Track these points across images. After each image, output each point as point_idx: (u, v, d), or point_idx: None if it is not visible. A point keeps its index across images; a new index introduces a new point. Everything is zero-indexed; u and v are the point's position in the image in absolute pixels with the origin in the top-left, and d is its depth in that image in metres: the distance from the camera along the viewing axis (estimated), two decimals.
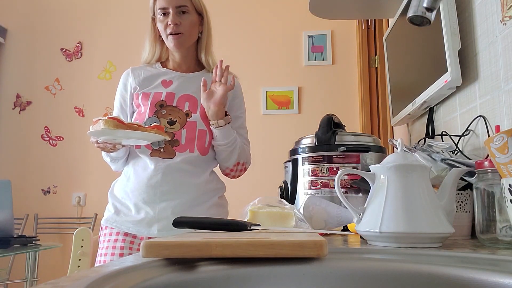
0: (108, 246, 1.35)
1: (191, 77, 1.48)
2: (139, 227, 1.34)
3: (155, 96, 1.41)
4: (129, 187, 1.39)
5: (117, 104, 1.52)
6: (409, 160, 0.71)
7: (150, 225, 1.34)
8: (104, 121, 1.14)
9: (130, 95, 1.47)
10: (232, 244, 0.51)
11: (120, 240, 1.35)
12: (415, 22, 0.74)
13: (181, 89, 1.44)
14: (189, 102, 1.42)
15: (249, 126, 1.55)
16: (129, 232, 1.35)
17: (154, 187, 1.35)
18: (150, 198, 1.35)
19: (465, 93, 1.11)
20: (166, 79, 1.46)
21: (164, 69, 1.49)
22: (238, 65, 3.38)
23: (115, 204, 1.41)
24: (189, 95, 1.43)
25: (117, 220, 1.37)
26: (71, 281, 0.41)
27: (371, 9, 1.72)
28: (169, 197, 1.35)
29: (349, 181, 1.14)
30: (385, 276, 0.53)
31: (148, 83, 1.45)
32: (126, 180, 1.41)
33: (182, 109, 1.41)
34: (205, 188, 1.42)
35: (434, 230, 0.66)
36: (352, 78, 3.29)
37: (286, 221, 0.91)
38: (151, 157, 1.38)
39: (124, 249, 1.34)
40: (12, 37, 3.65)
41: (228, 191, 1.59)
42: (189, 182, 1.38)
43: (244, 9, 3.44)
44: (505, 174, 0.64)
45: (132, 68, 1.51)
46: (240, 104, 1.53)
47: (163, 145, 1.38)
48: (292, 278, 0.51)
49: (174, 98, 1.42)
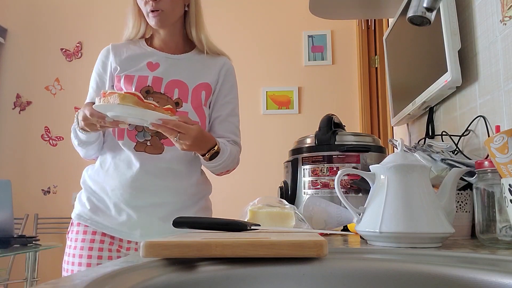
0: (83, 246, 1.21)
1: (180, 59, 1.30)
2: (120, 230, 1.21)
3: (140, 80, 1.24)
4: (108, 183, 1.23)
5: (93, 85, 1.32)
6: (409, 160, 0.71)
7: (133, 229, 1.21)
8: (122, 96, 0.99)
9: (110, 76, 1.29)
10: (232, 244, 0.51)
11: (98, 240, 1.21)
12: (415, 22, 0.74)
13: (169, 73, 1.26)
14: (179, 89, 1.25)
15: (249, 126, 1.55)
16: (108, 234, 1.22)
17: (140, 190, 1.21)
18: (134, 201, 1.21)
19: (465, 93, 1.11)
20: (152, 61, 1.28)
21: (150, 48, 1.31)
22: (238, 65, 3.38)
23: (91, 199, 1.25)
24: (179, 81, 1.26)
25: (93, 219, 1.22)
26: (71, 281, 0.41)
27: (371, 9, 1.72)
28: (156, 201, 1.22)
29: (349, 181, 1.14)
30: (385, 276, 0.53)
31: (131, 64, 1.27)
32: (104, 173, 1.24)
33: (171, 97, 1.24)
34: (195, 190, 1.29)
35: (434, 230, 0.66)
36: (352, 78, 3.29)
37: (286, 221, 0.91)
38: (136, 151, 1.22)
39: (104, 251, 1.21)
40: (12, 37, 3.66)
41: (228, 191, 1.59)
42: (178, 186, 1.25)
43: (244, 9, 3.44)
44: (505, 174, 0.64)
45: (113, 45, 1.33)
46: (231, 88, 1.35)
47: (149, 136, 1.22)
48: (292, 278, 0.51)
49: (161, 83, 1.24)
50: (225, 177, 1.52)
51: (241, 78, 1.56)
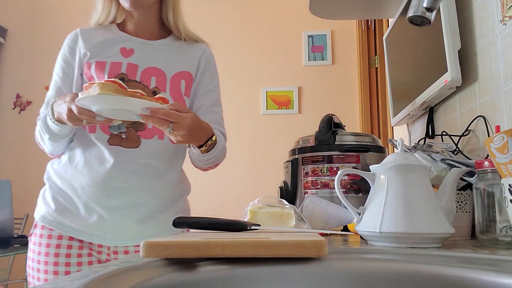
0: (48, 252, 1.08)
1: (156, 45, 1.20)
2: (90, 233, 1.09)
3: (113, 67, 1.12)
4: (77, 180, 1.09)
5: (59, 72, 1.17)
6: (409, 160, 0.71)
7: (104, 232, 1.10)
8: (101, 84, 0.88)
9: (79, 63, 1.15)
10: (232, 244, 0.51)
11: (64, 246, 1.08)
12: (415, 22, 0.74)
13: (145, 60, 1.15)
14: (156, 77, 1.15)
15: (249, 126, 1.54)
16: (75, 238, 1.09)
17: (114, 188, 1.09)
18: (106, 200, 1.09)
19: (465, 93, 1.11)
20: (125, 47, 1.16)
21: (123, 33, 1.19)
22: (238, 65, 3.39)
23: (57, 198, 1.11)
24: (156, 69, 1.16)
25: (59, 221, 1.09)
26: (71, 281, 0.41)
27: (371, 9, 1.72)
28: (131, 200, 1.10)
29: (349, 181, 1.14)
30: (385, 276, 0.53)
31: (102, 50, 1.15)
32: (73, 169, 1.11)
33: (148, 86, 1.13)
34: (174, 190, 1.19)
35: (434, 230, 0.66)
36: (352, 78, 3.29)
37: (286, 221, 0.91)
38: (110, 145, 1.09)
39: (72, 257, 1.08)
40: (12, 37, 3.66)
41: (228, 191, 1.58)
42: (157, 185, 1.14)
43: (244, 9, 3.44)
44: (505, 174, 0.64)
45: (82, 29, 1.19)
46: (212, 76, 1.26)
47: (124, 128, 1.11)
48: (292, 278, 0.51)
49: (137, 71, 1.13)
50: (225, 177, 1.52)
51: (241, 78, 1.56)
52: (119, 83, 0.89)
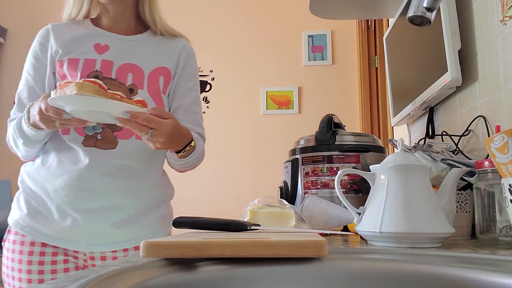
0: (21, 259, 1.03)
1: (133, 40, 1.14)
2: (63, 238, 1.04)
3: (86, 64, 1.06)
4: (50, 183, 1.04)
5: (30, 70, 1.11)
6: (409, 160, 0.71)
7: (78, 237, 1.04)
8: (79, 84, 0.81)
9: (51, 60, 1.10)
10: (232, 244, 0.51)
11: (37, 252, 1.03)
12: (415, 22, 0.74)
13: (120, 56, 1.10)
14: (133, 73, 1.09)
15: (249, 126, 1.53)
16: (49, 244, 1.04)
17: (88, 190, 1.03)
18: (80, 203, 1.03)
19: (465, 93, 1.11)
20: (100, 43, 1.10)
21: (98, 28, 1.13)
22: (238, 65, 3.39)
23: (29, 202, 1.06)
24: (132, 65, 1.10)
25: (32, 226, 1.04)
26: (71, 281, 0.41)
27: (371, 9, 1.72)
28: (107, 203, 1.05)
29: (349, 181, 1.14)
30: (385, 276, 0.53)
31: (75, 46, 1.09)
32: (46, 171, 1.06)
33: (124, 83, 1.07)
34: (155, 193, 1.13)
35: (434, 230, 0.66)
36: (352, 78, 3.29)
37: (286, 221, 0.91)
38: (85, 146, 1.04)
39: (45, 265, 1.03)
40: (12, 37, 3.66)
41: (228, 191, 1.57)
42: (135, 187, 1.08)
43: (244, 9, 3.44)
44: (505, 174, 0.64)
45: (53, 25, 1.15)
46: (193, 74, 1.20)
47: (100, 129, 1.05)
48: (292, 278, 0.51)
49: (112, 68, 1.07)
50: (225, 177, 1.51)
51: (241, 78, 1.56)
52: (99, 83, 0.84)
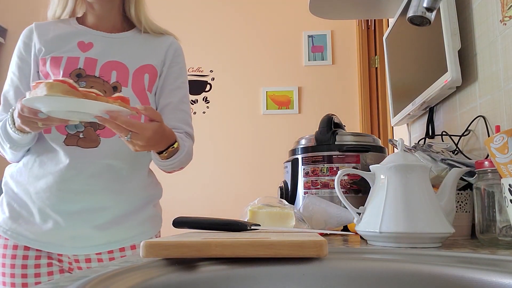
0: (5, 263, 1.02)
1: (118, 38, 1.13)
2: (46, 241, 1.02)
3: (69, 62, 1.05)
4: (32, 184, 1.02)
5: (15, 70, 1.11)
6: (409, 160, 0.71)
7: (61, 240, 1.02)
8: (48, 84, 0.79)
9: (34, 59, 1.09)
10: (232, 244, 0.51)
11: (20, 256, 1.01)
12: (415, 22, 0.74)
13: (105, 54, 1.08)
14: (117, 71, 1.07)
15: (249, 126, 1.53)
16: (31, 247, 1.02)
17: (70, 191, 1.01)
18: (62, 205, 1.01)
19: (465, 93, 1.11)
20: (84, 41, 1.09)
21: (82, 26, 1.12)
22: (238, 65, 3.39)
23: (11, 205, 1.04)
24: (117, 62, 1.08)
25: (14, 229, 1.02)
26: (71, 281, 0.41)
27: (371, 9, 1.72)
28: (90, 205, 1.02)
29: (349, 181, 1.14)
30: (385, 276, 0.53)
31: (58, 44, 1.08)
32: (27, 172, 1.03)
33: (108, 81, 1.06)
34: (140, 195, 1.10)
35: (434, 230, 0.66)
36: (352, 78, 3.29)
37: (286, 221, 0.91)
38: (66, 145, 1.01)
39: (28, 268, 1.01)
40: (12, 37, 3.66)
41: (228, 191, 1.57)
42: (119, 187, 1.05)
43: (244, 9, 3.44)
44: (505, 174, 0.64)
45: (37, 24, 1.13)
46: (180, 71, 1.18)
47: (82, 128, 1.02)
48: (292, 278, 0.51)
49: (96, 66, 1.06)
50: (225, 177, 1.51)
51: (241, 78, 1.56)
52: (69, 83, 0.80)
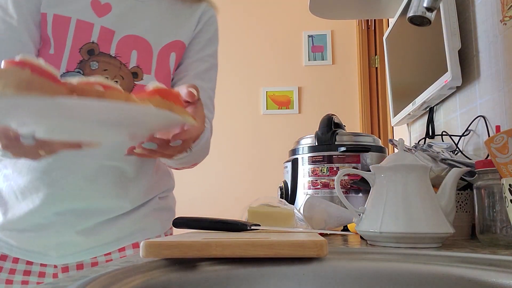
0: None
1: (142, 2, 0.84)
2: (28, 249, 0.85)
3: (79, 29, 0.77)
4: (17, 182, 0.83)
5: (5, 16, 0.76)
6: (409, 160, 0.71)
7: (46, 248, 0.85)
8: None
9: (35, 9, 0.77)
10: (232, 244, 0.51)
11: None
12: (415, 22, 0.74)
13: (124, 23, 0.81)
14: (138, 50, 0.82)
15: (249, 126, 1.53)
16: (9, 255, 0.85)
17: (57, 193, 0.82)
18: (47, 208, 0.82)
19: (465, 93, 1.11)
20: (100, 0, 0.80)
21: None
22: (238, 65, 3.39)
23: None
24: (138, 38, 0.82)
25: None
26: (71, 281, 0.41)
27: (371, 9, 1.72)
28: (76, 206, 0.83)
29: (349, 181, 1.14)
30: (385, 276, 0.53)
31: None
32: (12, 167, 0.84)
33: (126, 63, 0.80)
34: (145, 193, 0.91)
35: (434, 230, 0.66)
36: (352, 78, 3.29)
37: (286, 221, 0.91)
38: None
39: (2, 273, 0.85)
40: None
41: (228, 191, 1.56)
42: (121, 194, 0.86)
43: (244, 9, 3.44)
44: (505, 174, 0.64)
45: None
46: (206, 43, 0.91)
47: None
48: (292, 278, 0.51)
49: (112, 40, 0.79)
50: (225, 177, 1.51)
51: (241, 78, 1.55)
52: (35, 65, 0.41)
